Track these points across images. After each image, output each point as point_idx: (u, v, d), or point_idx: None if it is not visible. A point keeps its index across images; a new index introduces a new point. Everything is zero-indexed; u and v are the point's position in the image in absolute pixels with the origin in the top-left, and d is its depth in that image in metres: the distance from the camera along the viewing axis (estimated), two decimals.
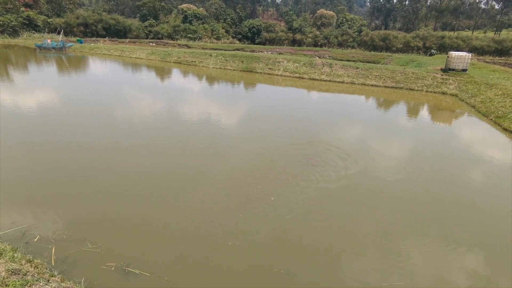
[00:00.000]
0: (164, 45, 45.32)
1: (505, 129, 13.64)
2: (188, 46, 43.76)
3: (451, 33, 48.89)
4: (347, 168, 8.75)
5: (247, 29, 48.32)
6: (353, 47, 44.86)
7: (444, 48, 40.27)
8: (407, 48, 42.31)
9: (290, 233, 6.12)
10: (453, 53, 22.61)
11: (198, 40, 47.49)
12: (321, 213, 6.66)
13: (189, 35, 47.69)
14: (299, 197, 7.06)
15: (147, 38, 48.36)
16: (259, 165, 8.68)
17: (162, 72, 26.61)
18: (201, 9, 54.78)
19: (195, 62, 29.57)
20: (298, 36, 48.19)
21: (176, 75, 25.62)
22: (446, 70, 22.96)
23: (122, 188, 6.70)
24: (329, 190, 7.58)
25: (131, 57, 33.42)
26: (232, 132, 11.06)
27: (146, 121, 11.61)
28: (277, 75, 25.50)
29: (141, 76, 22.69)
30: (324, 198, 7.27)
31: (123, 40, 46.10)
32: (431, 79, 22.40)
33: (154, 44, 45.43)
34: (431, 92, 21.33)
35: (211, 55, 29.90)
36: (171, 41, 46.83)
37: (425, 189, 7.90)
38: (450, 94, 20.58)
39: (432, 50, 39.97)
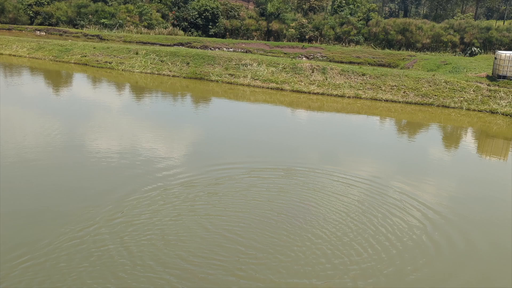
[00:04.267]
0: (61, 34, 44.96)
1: None
2: (100, 38, 43.72)
3: (500, 22, 53.20)
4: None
5: (196, 13, 49.36)
6: (357, 42, 47.07)
7: (490, 44, 43.33)
8: (437, 44, 45.02)
9: None
10: (503, 53, 23.96)
11: (118, 29, 47.62)
12: None
13: (102, 20, 47.77)
14: None
15: (31, 24, 47.82)
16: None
17: (54, 79, 25.96)
18: None
19: (111, 63, 29.31)
20: (275, 26, 49.87)
21: (77, 83, 25.04)
22: (495, 77, 24.26)
23: None
24: None
25: (1, 53, 32.62)
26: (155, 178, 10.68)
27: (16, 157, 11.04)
28: (243, 84, 25.74)
29: (13, 83, 21.95)
30: None
31: None
32: (473, 91, 23.55)
33: (43, 33, 45.01)
34: (474, 110, 22.28)
35: (137, 53, 29.91)
36: (73, 30, 46.64)
37: None
38: (503, 114, 21.56)
39: (474, 48, 42.75)
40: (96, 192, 10.04)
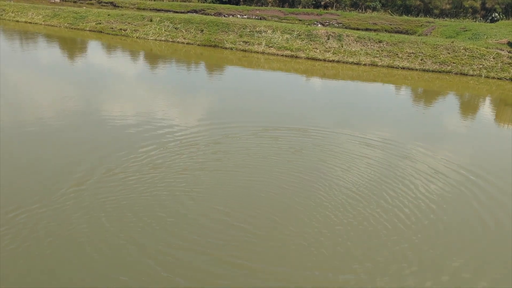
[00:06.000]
0: (75, 1, 44.92)
1: None
2: (114, 5, 43.50)
3: None
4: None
5: None
6: (374, 8, 45.98)
7: None
8: (456, 9, 43.74)
9: None
10: None
11: None
12: None
13: None
14: None
15: None
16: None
17: (70, 46, 26.06)
18: None
19: (125, 30, 29.31)
20: None
21: (92, 52, 25.12)
22: None
23: None
24: None
25: (18, 20, 32.77)
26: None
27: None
28: (257, 52, 25.61)
29: (30, 50, 22.17)
30: None
31: None
32: (494, 58, 23.09)
33: (58, 0, 45.06)
34: (493, 77, 21.96)
35: (151, 20, 29.79)
36: None
37: None
38: None
39: (495, 14, 41.47)
40: (103, 152, 10.20)
